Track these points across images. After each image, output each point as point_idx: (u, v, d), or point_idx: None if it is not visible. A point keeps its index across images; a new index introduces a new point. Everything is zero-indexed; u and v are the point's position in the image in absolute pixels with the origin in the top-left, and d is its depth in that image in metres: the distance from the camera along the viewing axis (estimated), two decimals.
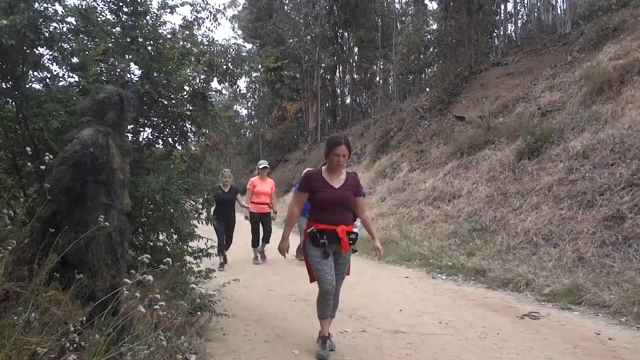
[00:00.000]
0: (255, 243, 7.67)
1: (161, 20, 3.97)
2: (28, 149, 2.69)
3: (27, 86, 3.12)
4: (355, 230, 3.52)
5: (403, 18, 25.10)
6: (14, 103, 3.13)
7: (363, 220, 3.63)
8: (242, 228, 7.95)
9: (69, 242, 2.23)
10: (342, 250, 3.32)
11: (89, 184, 2.34)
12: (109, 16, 3.71)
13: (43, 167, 2.51)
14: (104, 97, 2.54)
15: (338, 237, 3.29)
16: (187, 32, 4.10)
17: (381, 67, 25.40)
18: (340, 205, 3.34)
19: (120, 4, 3.66)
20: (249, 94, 33.97)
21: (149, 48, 3.65)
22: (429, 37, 18.36)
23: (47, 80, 3.37)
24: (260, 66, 4.71)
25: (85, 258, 2.29)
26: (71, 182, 2.33)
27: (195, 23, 4.17)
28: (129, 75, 3.53)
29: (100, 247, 2.33)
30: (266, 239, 7.67)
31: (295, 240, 6.37)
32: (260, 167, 7.99)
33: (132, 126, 3.95)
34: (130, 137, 3.96)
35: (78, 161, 2.33)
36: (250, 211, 7.55)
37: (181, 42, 3.93)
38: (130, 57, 3.52)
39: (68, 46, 3.32)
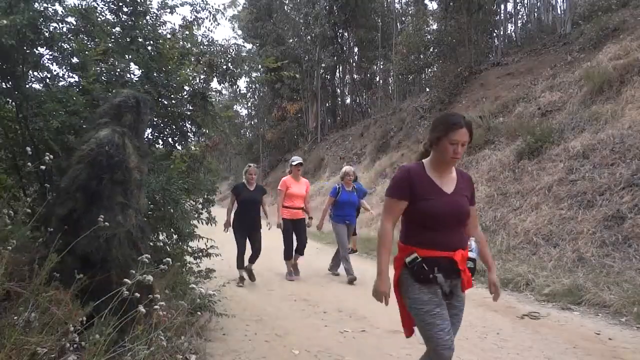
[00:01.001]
0: (287, 255, 6.41)
1: (161, 20, 3.98)
2: (28, 149, 2.69)
3: (27, 86, 3.13)
4: (472, 255, 2.30)
5: (403, 18, 25.12)
6: (14, 103, 3.13)
7: (477, 238, 2.38)
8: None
9: (88, 241, 2.24)
10: (463, 288, 2.21)
11: (104, 182, 2.36)
12: (109, 16, 3.72)
13: (43, 167, 2.51)
14: (121, 101, 2.61)
15: (456, 268, 2.13)
16: (187, 32, 4.10)
17: (381, 67, 25.41)
18: (457, 219, 2.18)
19: (120, 4, 3.67)
20: (249, 94, 33.97)
21: (149, 48, 3.65)
22: (429, 37, 18.36)
23: (47, 80, 3.38)
24: (260, 66, 4.72)
25: (108, 256, 2.30)
26: (87, 180, 2.36)
27: (195, 23, 4.18)
28: (128, 75, 3.54)
29: (123, 244, 2.36)
30: (300, 251, 6.48)
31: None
32: (294, 163, 6.58)
33: None
34: None
35: (93, 159, 2.37)
36: (282, 216, 6.32)
37: (181, 42, 3.94)
38: (130, 57, 3.52)
39: (68, 46, 3.32)
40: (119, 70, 3.46)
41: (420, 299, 2.09)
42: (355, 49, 27.74)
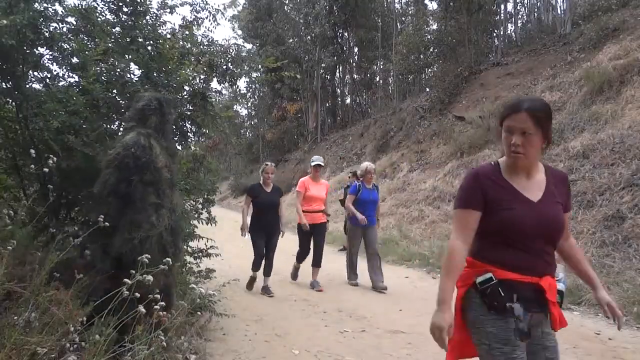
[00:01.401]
0: (300, 259, 6.02)
1: (161, 20, 3.97)
2: (32, 151, 2.68)
3: (27, 86, 3.13)
4: (560, 286, 1.86)
5: (403, 18, 25.14)
6: (14, 103, 3.13)
7: (570, 251, 1.81)
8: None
9: (124, 242, 2.31)
10: (554, 325, 1.69)
11: (134, 184, 2.40)
12: (109, 16, 3.72)
13: (46, 169, 2.51)
14: (144, 105, 2.65)
15: (544, 298, 1.61)
16: (187, 32, 4.10)
17: (381, 67, 25.41)
18: (547, 235, 1.64)
19: (120, 4, 3.67)
20: (249, 94, 33.97)
21: (149, 48, 3.65)
22: (429, 37, 18.38)
23: (47, 80, 3.38)
24: (260, 66, 4.71)
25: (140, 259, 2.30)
26: (117, 184, 2.41)
27: (195, 23, 4.17)
28: (128, 75, 3.53)
29: (153, 247, 2.38)
30: (317, 263, 5.90)
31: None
32: (313, 164, 6.04)
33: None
34: None
35: (120, 162, 2.42)
36: (300, 222, 5.91)
37: (181, 42, 3.93)
38: (130, 57, 3.52)
39: (68, 46, 3.32)
40: (119, 70, 3.46)
41: (497, 335, 1.57)
42: (355, 49, 27.75)
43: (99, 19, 3.51)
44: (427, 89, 19.65)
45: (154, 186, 2.47)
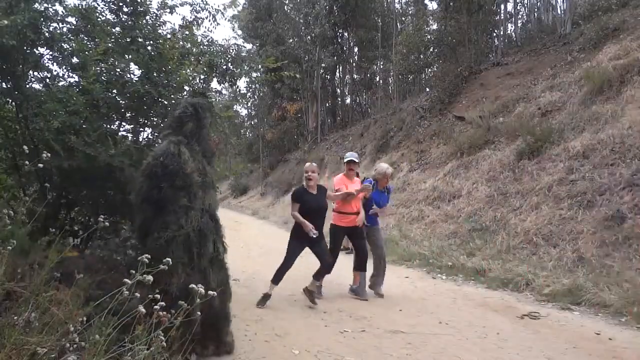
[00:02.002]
0: (329, 268, 5.05)
1: (161, 20, 3.98)
2: (25, 147, 2.69)
3: (27, 86, 3.14)
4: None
5: (403, 18, 25.14)
6: (14, 103, 3.14)
7: None
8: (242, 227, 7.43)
9: (155, 242, 2.53)
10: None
11: (164, 190, 2.57)
12: (109, 16, 3.73)
13: (41, 165, 2.52)
14: (181, 112, 2.80)
15: None
16: (187, 32, 4.10)
17: (381, 67, 25.41)
18: None
19: (120, 4, 3.67)
20: (249, 94, 33.92)
21: (149, 48, 3.65)
22: (429, 37, 18.36)
23: (47, 80, 3.38)
24: (260, 66, 4.71)
25: (165, 256, 2.36)
26: (149, 191, 2.60)
27: (195, 23, 4.18)
28: (128, 75, 3.54)
29: (178, 247, 2.55)
30: (361, 266, 5.35)
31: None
32: (347, 159, 5.43)
33: (132, 126, 3.96)
34: (130, 137, 3.97)
35: (150, 171, 2.61)
36: (333, 223, 5.33)
37: (181, 42, 3.94)
38: (130, 57, 3.52)
39: (68, 46, 3.33)
40: (119, 70, 3.46)
41: None
42: (355, 49, 27.74)
43: (99, 19, 3.52)
44: (427, 89, 19.64)
45: (185, 190, 2.64)
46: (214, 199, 2.91)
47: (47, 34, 3.10)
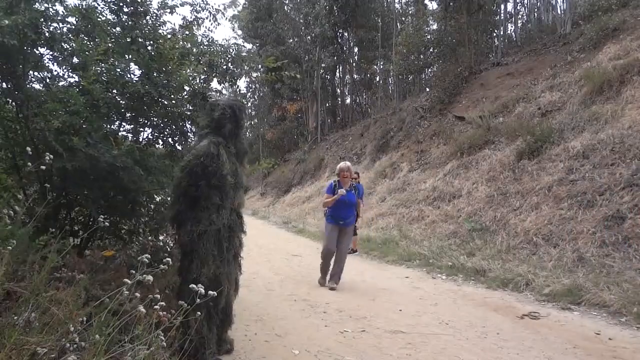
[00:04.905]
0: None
1: (161, 20, 3.98)
2: (28, 149, 2.69)
3: (28, 86, 3.13)
4: None
5: (403, 18, 25.14)
6: (14, 103, 3.13)
7: None
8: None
9: (187, 235, 2.74)
10: None
11: (201, 187, 2.76)
12: (109, 16, 3.72)
13: (43, 167, 2.52)
14: (220, 115, 2.95)
15: None
16: (187, 32, 4.10)
17: (381, 67, 25.40)
18: None
19: (121, 4, 3.67)
20: (249, 94, 33.98)
21: (149, 48, 3.65)
22: (429, 37, 18.36)
23: (48, 80, 3.38)
24: (260, 66, 4.71)
25: (197, 248, 2.75)
26: (187, 187, 2.78)
27: (195, 23, 4.18)
28: (128, 75, 3.54)
29: (209, 240, 2.78)
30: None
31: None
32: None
33: (132, 126, 3.96)
34: (130, 137, 3.98)
35: (191, 169, 2.78)
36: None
37: (181, 42, 3.93)
38: (130, 57, 3.52)
39: (68, 46, 3.32)
40: (119, 70, 3.46)
41: None
42: (355, 49, 27.76)
43: (99, 19, 3.51)
44: (427, 89, 19.64)
45: (219, 189, 2.81)
46: (242, 199, 3.12)
47: (47, 34, 3.09)
